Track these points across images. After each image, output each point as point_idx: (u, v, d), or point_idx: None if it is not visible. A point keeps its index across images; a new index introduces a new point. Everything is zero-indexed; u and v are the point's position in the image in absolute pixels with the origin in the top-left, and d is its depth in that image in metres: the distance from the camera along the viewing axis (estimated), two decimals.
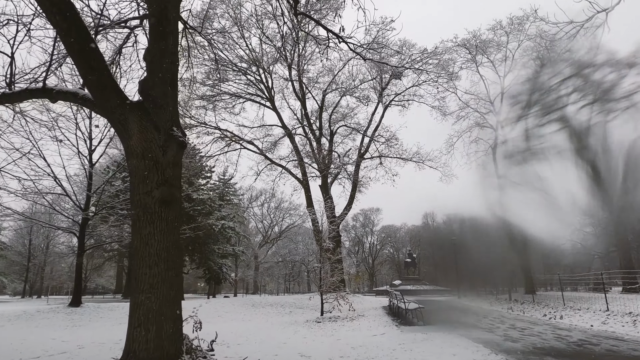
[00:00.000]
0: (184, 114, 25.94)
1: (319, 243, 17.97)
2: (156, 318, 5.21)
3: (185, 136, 6.00)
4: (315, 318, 15.89)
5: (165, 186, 5.55)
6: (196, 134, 26.29)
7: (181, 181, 6.07)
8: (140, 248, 5.37)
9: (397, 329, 10.96)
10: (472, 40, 25.06)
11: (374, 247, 67.33)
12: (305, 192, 27.00)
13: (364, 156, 28.63)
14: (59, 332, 13.17)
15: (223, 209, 42.77)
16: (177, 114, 6.16)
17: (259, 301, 22.64)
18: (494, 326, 10.89)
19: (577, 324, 10.84)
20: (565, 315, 12.72)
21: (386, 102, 29.58)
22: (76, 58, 5.24)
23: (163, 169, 5.60)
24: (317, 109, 29.58)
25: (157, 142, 5.63)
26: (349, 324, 13.46)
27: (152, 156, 5.55)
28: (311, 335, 11.29)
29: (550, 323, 11.40)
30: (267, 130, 29.17)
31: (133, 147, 5.54)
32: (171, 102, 5.93)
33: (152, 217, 5.44)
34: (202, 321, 16.23)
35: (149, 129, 5.61)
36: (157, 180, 5.53)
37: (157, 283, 5.31)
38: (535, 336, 8.56)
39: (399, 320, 13.10)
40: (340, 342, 9.50)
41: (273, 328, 13.60)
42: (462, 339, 8.38)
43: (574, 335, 8.50)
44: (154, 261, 5.35)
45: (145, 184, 5.50)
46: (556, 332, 9.23)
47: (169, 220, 5.55)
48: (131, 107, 5.59)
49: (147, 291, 5.26)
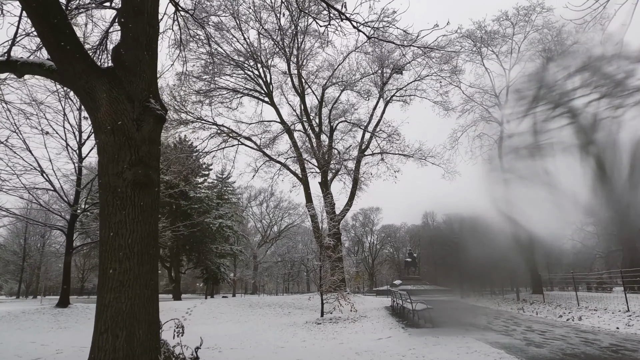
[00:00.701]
0: (180, 109, 25.17)
1: (318, 240, 17.13)
2: (126, 322, 4.38)
3: (165, 110, 5.16)
4: (315, 319, 15.06)
5: (140, 166, 4.72)
6: (192, 129, 25.40)
7: (159, 161, 5.23)
8: (109, 239, 4.54)
9: (404, 332, 10.12)
10: (476, 31, 24.27)
11: (374, 246, 66.60)
12: (304, 189, 26.14)
13: (364, 152, 27.78)
14: (42, 334, 12.33)
15: (221, 207, 42.00)
16: (156, 84, 5.33)
17: (256, 301, 21.79)
18: (509, 328, 10.06)
19: (600, 326, 10.01)
20: (582, 316, 11.90)
21: (387, 98, 28.75)
22: (30, 11, 4.40)
23: (137, 146, 4.77)
24: (317, 104, 28.75)
25: (130, 115, 4.79)
26: (351, 326, 12.63)
27: (124, 131, 4.72)
28: (311, 339, 10.46)
29: (570, 325, 10.57)
30: (265, 126, 28.29)
31: (101, 120, 4.71)
32: (148, 70, 5.10)
33: (123, 203, 4.61)
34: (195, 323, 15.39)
35: (121, 100, 4.78)
36: (130, 159, 4.70)
37: (128, 280, 4.47)
38: (559, 340, 7.73)
39: (405, 322, 12.26)
40: (343, 347, 8.66)
41: (270, 330, 12.76)
42: (478, 343, 7.54)
43: (603, 339, 7.67)
44: (125, 254, 4.52)
45: (116, 164, 4.67)
46: (580, 335, 8.40)
47: (144, 207, 4.72)
48: (100, 73, 4.77)
49: (116, 290, 4.43)
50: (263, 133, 28.16)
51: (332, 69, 27.23)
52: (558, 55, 24.56)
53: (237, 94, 27.21)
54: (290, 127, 27.27)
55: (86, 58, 4.78)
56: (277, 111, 26.89)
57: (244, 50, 25.04)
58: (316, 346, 9.09)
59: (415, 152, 27.25)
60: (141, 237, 4.64)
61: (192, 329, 13.92)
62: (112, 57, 5.05)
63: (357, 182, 27.31)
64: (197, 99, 25.71)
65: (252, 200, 57.86)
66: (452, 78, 26.48)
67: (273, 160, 27.86)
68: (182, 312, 17.75)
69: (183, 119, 25.34)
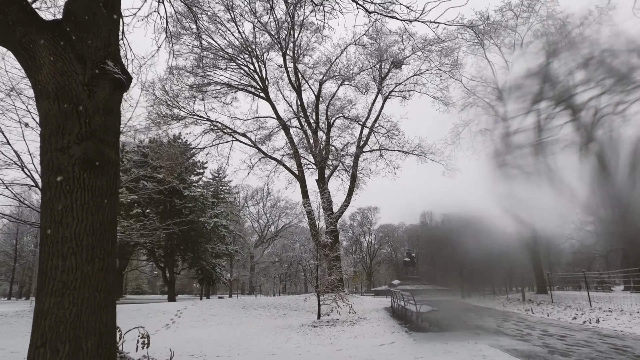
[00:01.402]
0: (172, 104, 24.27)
1: (315, 238, 16.25)
2: (70, 332, 3.49)
3: (127, 75, 4.28)
4: (311, 322, 14.19)
5: (91, 141, 3.83)
6: (184, 124, 24.48)
7: (119, 138, 4.34)
8: (51, 230, 3.65)
9: (408, 337, 9.25)
10: (478, 22, 23.43)
11: (372, 246, 65.83)
12: (300, 186, 25.25)
13: (363, 149, 26.93)
14: (15, 339, 11.42)
15: (217, 206, 41.06)
16: (117, 46, 4.44)
17: (250, 302, 20.88)
18: (522, 332, 9.21)
19: (622, 329, 9.16)
20: (600, 318, 11.07)
21: (386, 93, 27.94)
22: None
23: (88, 117, 3.87)
24: (314, 100, 27.89)
25: (79, 78, 3.90)
26: (349, 330, 11.77)
27: (71, 97, 3.83)
28: (306, 344, 9.57)
29: (589, 328, 9.72)
30: (260, 122, 27.42)
31: (43, 83, 3.82)
32: (105, 27, 4.21)
33: (70, 185, 3.72)
34: (184, 326, 14.34)
35: (68, 59, 3.89)
36: (79, 132, 3.81)
37: (74, 281, 3.58)
38: (585, 346, 6.88)
39: (408, 325, 11.41)
40: (342, 354, 7.79)
41: (263, 334, 11.88)
42: (494, 350, 6.68)
43: (634, 346, 6.81)
44: (71, 249, 3.63)
45: (61, 137, 3.77)
46: (606, 340, 7.55)
47: (97, 191, 3.82)
48: (41, 26, 3.88)
49: (58, 293, 3.54)
50: (258, 129, 27.33)
51: (330, 63, 26.43)
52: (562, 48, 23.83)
53: (232, 89, 26.36)
54: (287, 123, 26.42)
55: (24, 7, 3.89)
56: (273, 107, 26.03)
57: (239, 43, 24.16)
58: (311, 353, 8.22)
59: (414, 149, 26.47)
60: (92, 227, 3.75)
61: (179, 333, 13.03)
62: (64, 12, 4.18)
63: (355, 179, 26.47)
64: (190, 93, 24.84)
65: (249, 200, 57.01)
66: (453, 72, 25.71)
67: (268, 157, 26.99)
68: (171, 314, 16.87)
69: (175, 114, 24.48)
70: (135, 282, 61.49)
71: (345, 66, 27.04)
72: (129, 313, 15.69)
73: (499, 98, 23.93)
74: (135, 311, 16.28)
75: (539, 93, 19.41)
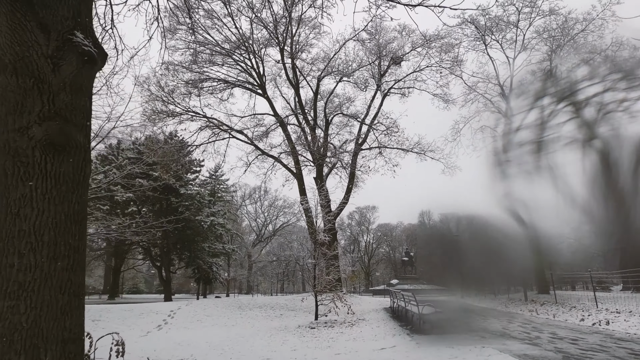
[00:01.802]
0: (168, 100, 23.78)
1: (312, 237, 15.77)
2: (27, 341, 3.01)
3: (100, 48, 3.79)
4: (308, 323, 13.74)
5: (55, 121, 3.34)
6: (179, 120, 24.01)
7: (90, 118, 3.86)
8: (6, 222, 3.17)
9: (411, 340, 8.78)
10: (479, 17, 22.99)
11: (370, 245, 65.47)
12: (298, 184, 24.77)
13: (362, 146, 26.47)
14: None
15: (214, 205, 40.57)
16: (89, 17, 3.95)
17: (247, 302, 20.38)
18: (530, 335, 8.76)
19: (635, 332, 8.73)
20: (610, 320, 10.63)
21: (385, 90, 27.49)
22: None
23: (53, 94, 3.39)
24: (312, 97, 27.42)
25: (42, 50, 3.42)
26: (348, 331, 11.31)
27: (32, 70, 3.35)
28: (302, 347, 9.10)
29: (599, 331, 9.29)
30: (258, 119, 26.93)
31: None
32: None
33: (28, 171, 3.24)
34: (177, 327, 13.79)
35: (29, 28, 3.40)
36: (41, 110, 3.32)
37: (32, 281, 3.10)
38: (600, 352, 6.43)
39: (409, 327, 10.94)
40: (340, 359, 7.33)
41: (258, 336, 11.40)
42: (504, 356, 6.22)
43: None
44: (29, 244, 3.14)
45: (20, 116, 3.29)
46: (621, 344, 7.11)
47: (61, 178, 3.34)
48: None
49: (13, 295, 3.06)
50: (256, 127, 26.84)
51: (328, 59, 25.93)
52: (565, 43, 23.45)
53: (229, 85, 25.88)
54: (284, 120, 25.94)
55: None
56: (270, 103, 25.53)
57: (236, 39, 23.65)
58: (308, 357, 7.75)
59: (414, 146, 26.04)
60: (55, 220, 3.27)
61: (170, 335, 12.52)
62: None
63: (354, 177, 26.01)
64: (186, 89, 24.34)
65: (247, 199, 56.52)
66: (453, 68, 25.30)
67: (266, 154, 26.50)
68: (165, 314, 16.33)
69: (171, 111, 23.99)
70: (132, 282, 60.99)
71: (344, 62, 26.61)
72: (120, 313, 15.18)
73: (501, 94, 23.57)
74: (127, 311, 15.76)
75: (542, 89, 19.12)
